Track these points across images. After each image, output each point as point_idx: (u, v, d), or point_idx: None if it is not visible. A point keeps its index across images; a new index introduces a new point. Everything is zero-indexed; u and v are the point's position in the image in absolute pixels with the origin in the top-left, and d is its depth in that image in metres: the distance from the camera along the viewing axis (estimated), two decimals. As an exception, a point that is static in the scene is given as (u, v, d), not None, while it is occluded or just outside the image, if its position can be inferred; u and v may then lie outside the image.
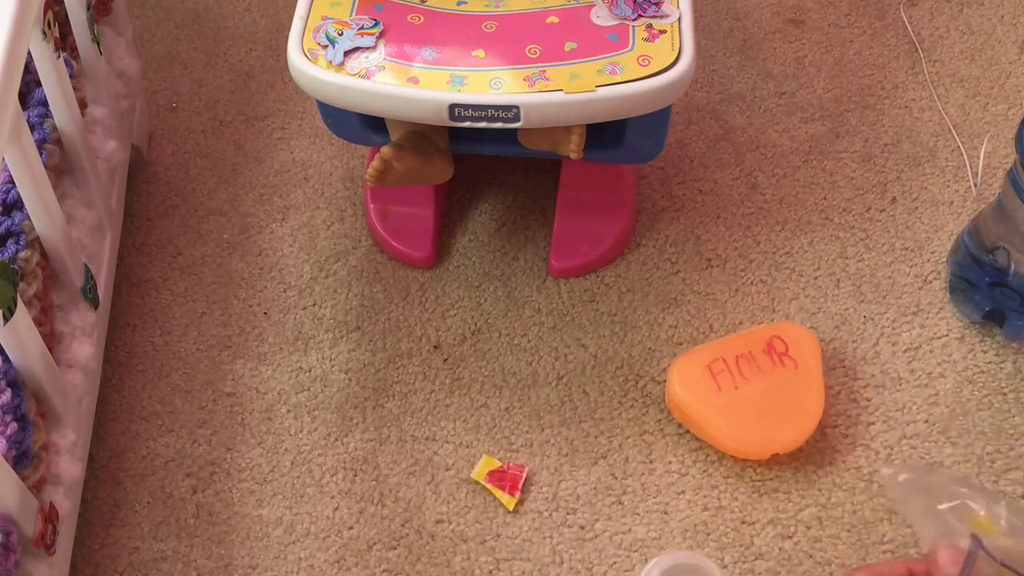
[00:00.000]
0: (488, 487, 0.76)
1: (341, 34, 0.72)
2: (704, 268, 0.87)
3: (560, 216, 0.87)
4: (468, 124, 0.70)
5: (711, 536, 0.73)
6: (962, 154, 0.93)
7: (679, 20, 0.72)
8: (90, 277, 0.75)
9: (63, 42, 0.73)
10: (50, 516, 0.63)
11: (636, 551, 0.73)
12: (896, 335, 0.82)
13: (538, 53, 0.70)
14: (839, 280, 0.86)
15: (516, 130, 0.76)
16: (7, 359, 0.62)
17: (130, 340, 0.84)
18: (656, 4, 0.72)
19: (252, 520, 0.75)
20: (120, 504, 0.76)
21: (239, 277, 0.88)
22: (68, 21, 0.77)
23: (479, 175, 0.93)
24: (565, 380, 0.81)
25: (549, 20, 0.72)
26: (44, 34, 0.67)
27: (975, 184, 0.91)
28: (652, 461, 0.77)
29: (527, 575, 0.72)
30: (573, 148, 0.74)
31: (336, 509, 0.75)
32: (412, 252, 0.87)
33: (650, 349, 0.82)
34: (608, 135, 0.78)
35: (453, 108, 0.69)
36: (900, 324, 0.83)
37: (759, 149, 0.94)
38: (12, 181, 0.66)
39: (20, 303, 0.60)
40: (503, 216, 0.91)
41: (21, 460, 0.62)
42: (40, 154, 0.68)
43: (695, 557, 0.67)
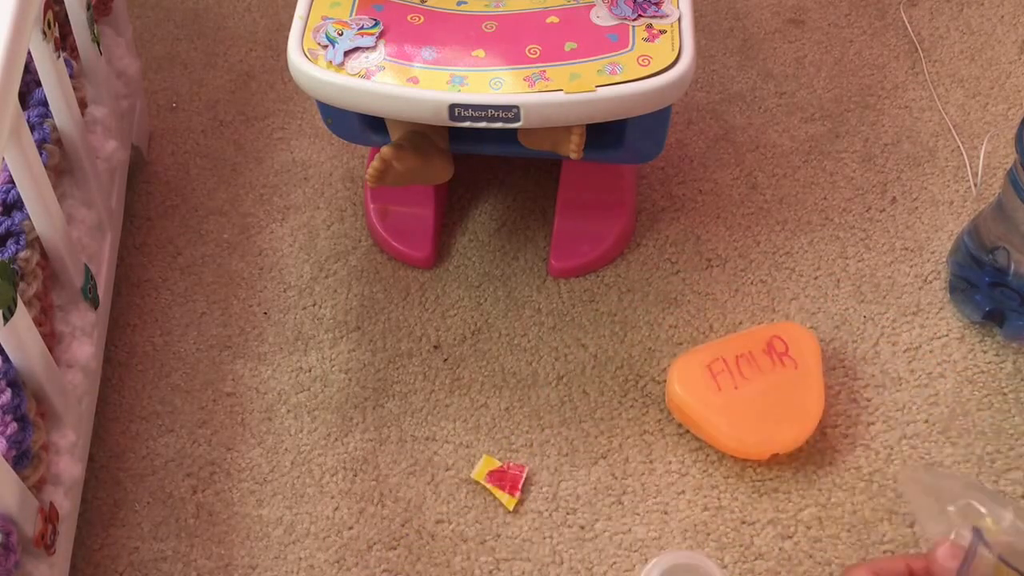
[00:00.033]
0: (488, 487, 0.76)
1: (341, 34, 0.72)
2: (704, 268, 0.87)
3: (560, 216, 0.87)
4: (468, 124, 0.70)
5: (711, 536, 0.73)
6: (962, 154, 0.93)
7: (679, 20, 0.72)
8: (90, 277, 0.75)
9: (63, 42, 0.73)
10: (50, 516, 0.63)
11: (636, 551, 0.73)
12: (896, 335, 0.82)
13: (538, 53, 0.70)
14: (839, 280, 0.86)
15: (516, 130, 0.76)
16: (7, 359, 0.62)
17: (130, 340, 0.84)
18: (656, 4, 0.72)
19: (252, 520, 0.75)
20: (120, 504, 0.76)
21: (239, 277, 0.88)
22: (68, 21, 0.77)
23: (479, 175, 0.93)
24: (565, 380, 0.81)
25: (549, 20, 0.72)
26: (44, 34, 0.67)
27: (975, 184, 0.91)
28: (652, 461, 0.77)
29: (527, 575, 0.72)
30: (573, 148, 0.74)
31: (336, 509, 0.75)
32: (412, 252, 0.87)
33: (650, 349, 0.82)
34: (608, 135, 0.78)
35: (453, 108, 0.69)
36: (900, 324, 0.83)
37: (759, 149, 0.94)
38: (12, 181, 0.66)
39: (20, 303, 0.60)
40: (503, 216, 0.91)
41: (21, 460, 0.62)
42: (40, 154, 0.68)
43: (695, 557, 0.67)
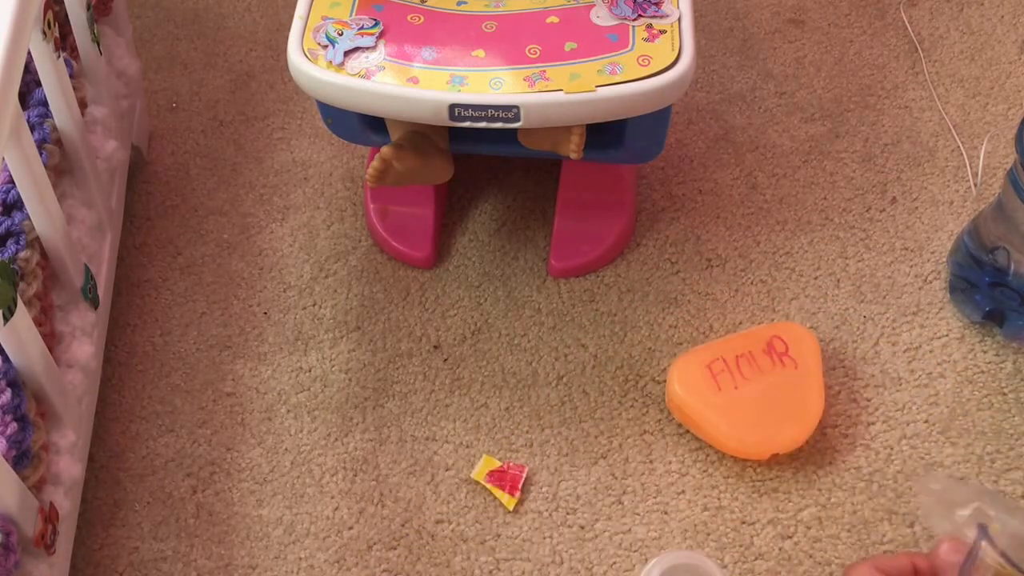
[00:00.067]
0: (488, 487, 0.76)
1: (341, 34, 0.72)
2: (704, 268, 0.87)
3: (560, 216, 0.87)
4: (468, 124, 0.70)
5: (711, 536, 0.73)
6: (962, 154, 0.93)
7: (679, 20, 0.72)
8: (90, 277, 0.75)
9: (63, 42, 0.73)
10: (50, 516, 0.63)
11: (636, 551, 0.73)
12: (896, 335, 0.82)
13: (538, 53, 0.70)
14: (839, 280, 0.86)
15: (516, 130, 0.76)
16: (7, 359, 0.62)
17: (130, 340, 0.84)
18: (656, 4, 0.72)
19: (252, 520, 0.75)
20: (120, 504, 0.76)
21: (239, 277, 0.88)
22: (68, 21, 0.77)
23: (479, 175, 0.93)
24: (565, 380, 0.81)
25: (549, 20, 0.72)
26: (44, 34, 0.67)
27: (975, 184, 0.91)
28: (652, 461, 0.77)
29: (527, 575, 0.72)
30: (573, 148, 0.74)
31: (336, 509, 0.75)
32: (412, 252, 0.87)
33: (650, 349, 0.82)
34: (608, 135, 0.78)
35: (453, 108, 0.69)
36: (900, 324, 0.83)
37: (759, 149, 0.94)
38: (12, 181, 0.66)
39: (20, 303, 0.60)
40: (503, 216, 0.91)
41: (21, 460, 0.62)
42: (40, 154, 0.68)
43: (695, 557, 0.67)
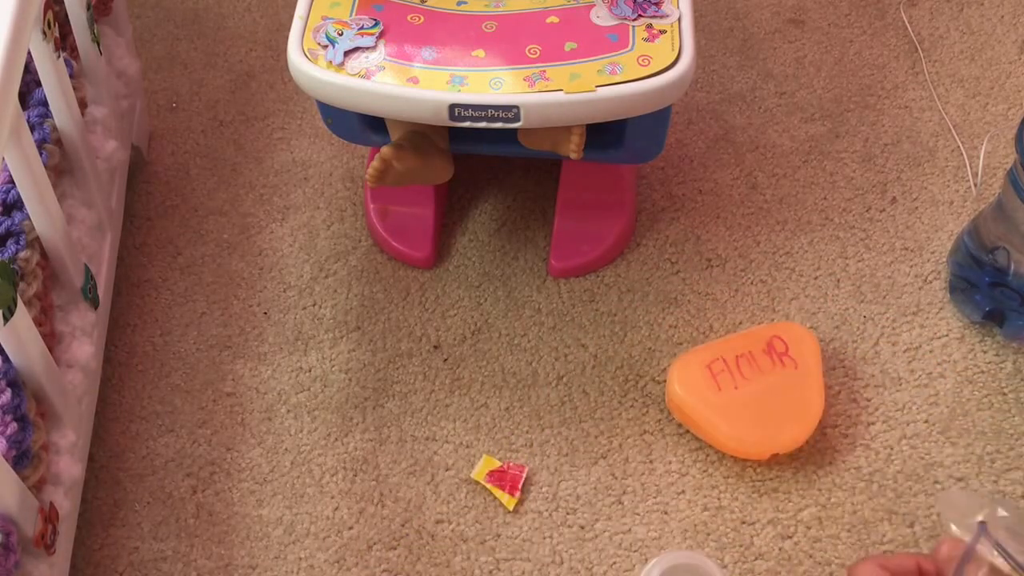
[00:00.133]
0: (488, 487, 0.76)
1: (341, 34, 0.72)
2: (704, 268, 0.87)
3: (560, 216, 0.87)
4: (468, 124, 0.70)
5: (711, 536, 0.73)
6: (962, 154, 0.93)
7: (679, 20, 0.72)
8: (90, 277, 0.75)
9: (63, 42, 0.73)
10: (50, 516, 0.63)
11: (636, 551, 0.73)
12: (896, 335, 0.82)
13: (538, 53, 0.70)
14: (839, 280, 0.86)
15: (516, 130, 0.76)
16: (7, 359, 0.62)
17: (130, 340, 0.84)
18: (656, 4, 0.72)
19: (252, 520, 0.75)
20: (120, 504, 0.76)
21: (239, 277, 0.88)
22: (68, 21, 0.77)
23: (479, 175, 0.93)
24: (565, 380, 0.81)
25: (549, 20, 0.72)
26: (44, 34, 0.67)
27: (975, 184, 0.91)
28: (652, 461, 0.77)
29: (527, 575, 0.72)
30: (573, 148, 0.74)
31: (336, 509, 0.75)
32: (412, 252, 0.87)
33: (650, 349, 0.82)
34: (608, 135, 0.78)
35: (453, 108, 0.69)
36: (900, 324, 0.83)
37: (759, 149, 0.94)
38: (12, 181, 0.66)
39: (20, 303, 0.60)
40: (503, 216, 0.91)
41: (21, 460, 0.62)
42: (40, 154, 0.68)
43: (695, 557, 0.67)
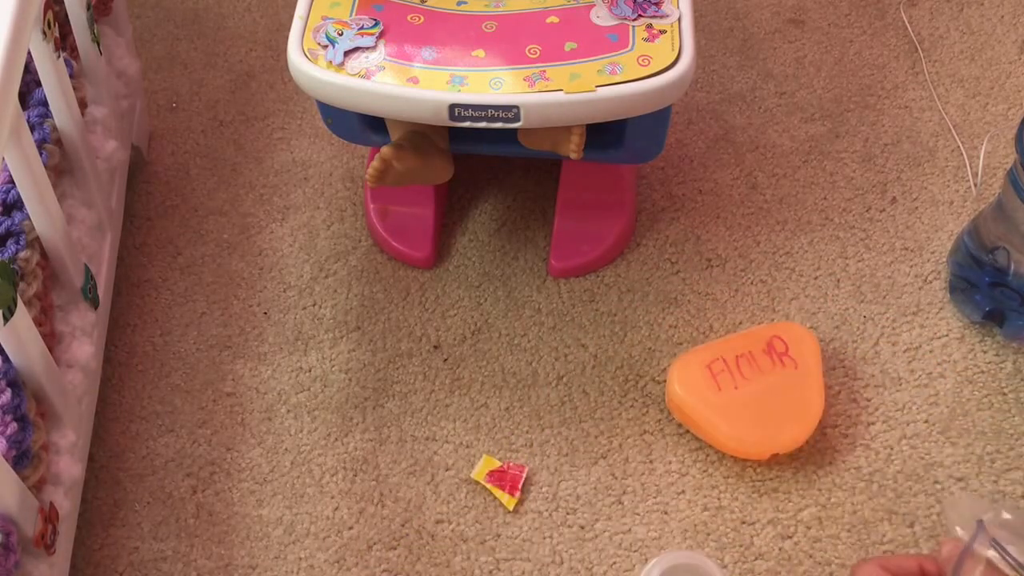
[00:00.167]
0: (488, 487, 0.76)
1: (341, 34, 0.72)
2: (704, 268, 0.87)
3: (560, 216, 0.87)
4: (468, 124, 0.70)
5: (711, 536, 0.73)
6: (962, 154, 0.93)
7: (679, 20, 0.72)
8: (90, 277, 0.75)
9: (63, 42, 0.73)
10: (50, 516, 0.63)
11: (636, 551, 0.73)
12: (896, 335, 0.82)
13: (538, 53, 0.70)
14: (839, 280, 0.86)
15: (516, 130, 0.76)
16: (7, 359, 0.62)
17: (130, 340, 0.84)
18: (656, 4, 0.72)
19: (252, 520, 0.75)
20: (120, 504, 0.76)
21: (239, 277, 0.88)
22: (68, 21, 0.77)
23: (479, 175, 0.93)
24: (565, 380, 0.81)
25: (549, 20, 0.72)
26: (44, 34, 0.67)
27: (975, 184, 0.91)
28: (652, 461, 0.77)
29: (527, 575, 0.72)
30: (573, 148, 0.74)
31: (336, 509, 0.75)
32: (412, 252, 0.87)
33: (650, 349, 0.82)
34: (608, 135, 0.78)
35: (453, 108, 0.69)
36: (900, 324, 0.83)
37: (759, 149, 0.94)
38: (12, 181, 0.66)
39: (20, 303, 0.60)
40: (503, 216, 0.91)
41: (21, 460, 0.62)
42: (40, 154, 0.68)
43: (695, 557, 0.67)
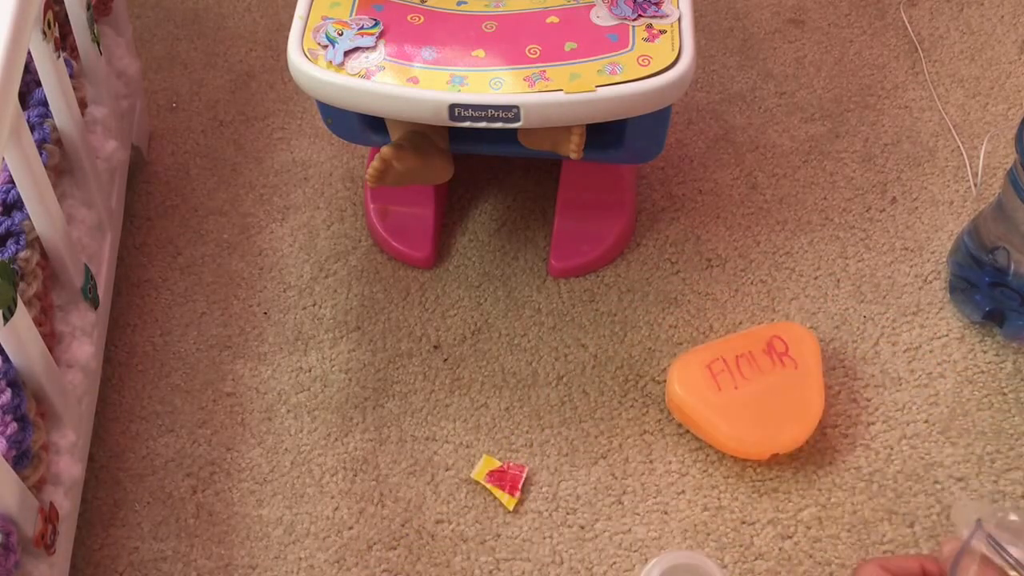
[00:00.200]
0: (488, 487, 0.76)
1: (341, 34, 0.72)
2: (704, 268, 0.87)
3: (560, 216, 0.87)
4: (468, 124, 0.70)
5: (711, 536, 0.73)
6: (962, 154, 0.93)
7: (679, 20, 0.72)
8: (90, 277, 0.75)
9: (63, 42, 0.73)
10: (50, 516, 0.63)
11: (636, 551, 0.73)
12: (896, 335, 0.82)
13: (538, 53, 0.70)
14: (839, 280, 0.86)
15: (516, 130, 0.76)
16: (7, 359, 0.62)
17: (130, 340, 0.84)
18: (656, 4, 0.72)
19: (252, 520, 0.75)
20: (120, 504, 0.76)
21: (239, 277, 0.88)
22: (68, 21, 0.77)
23: (479, 175, 0.93)
24: (565, 380, 0.81)
25: (549, 20, 0.72)
26: (44, 34, 0.67)
27: (975, 184, 0.91)
28: (652, 461, 0.77)
29: (527, 575, 0.72)
30: (573, 148, 0.74)
31: (336, 509, 0.75)
32: (412, 252, 0.87)
33: (650, 349, 0.82)
34: (608, 135, 0.78)
35: (453, 108, 0.69)
36: (900, 324, 0.83)
37: (759, 149, 0.94)
38: (12, 181, 0.66)
39: (20, 303, 0.60)
40: (503, 216, 0.91)
41: (21, 460, 0.62)
42: (40, 154, 0.68)
43: (695, 557, 0.67)
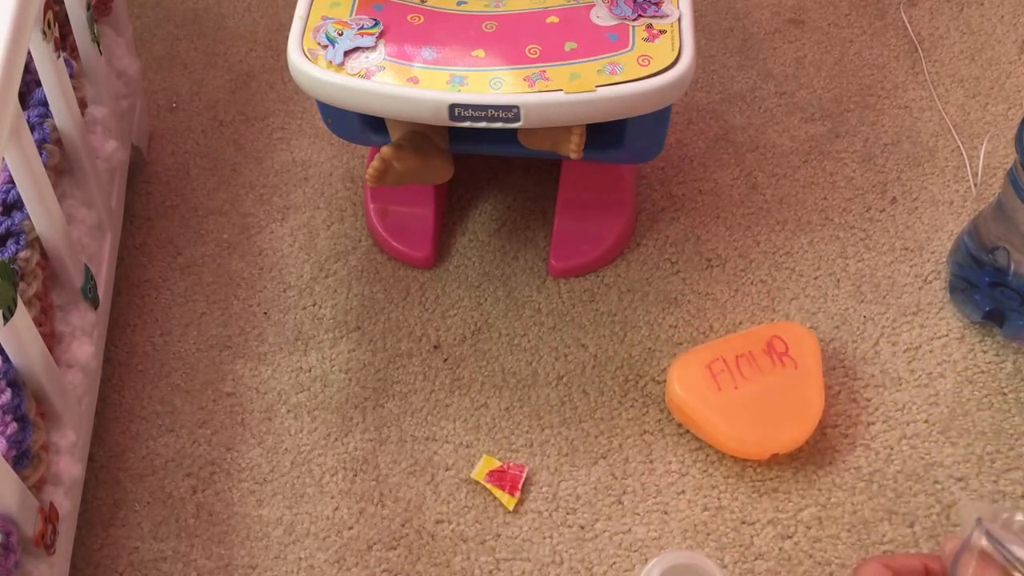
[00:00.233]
0: (488, 487, 0.76)
1: (341, 34, 0.72)
2: (704, 268, 0.87)
3: (560, 216, 0.87)
4: (468, 124, 0.70)
5: (711, 536, 0.73)
6: (962, 154, 0.93)
7: (679, 20, 0.72)
8: (90, 277, 0.75)
9: (63, 42, 0.73)
10: (50, 516, 0.63)
11: (636, 551, 0.73)
12: (896, 335, 0.82)
13: (538, 53, 0.70)
14: (839, 280, 0.86)
15: (516, 130, 0.76)
16: (7, 359, 0.62)
17: (130, 340, 0.84)
18: (656, 4, 0.72)
19: (252, 520, 0.75)
20: (120, 504, 0.76)
21: (239, 277, 0.88)
22: (68, 21, 0.77)
23: (479, 175, 0.93)
24: (565, 380, 0.81)
25: (549, 20, 0.72)
26: (44, 34, 0.67)
27: (975, 184, 0.91)
28: (652, 461, 0.77)
29: (527, 575, 0.72)
30: (573, 148, 0.74)
31: (336, 509, 0.75)
32: (412, 252, 0.87)
33: (650, 349, 0.82)
34: (608, 135, 0.78)
35: (453, 108, 0.69)
36: (900, 324, 0.83)
37: (759, 149, 0.94)
38: (12, 181, 0.66)
39: (20, 303, 0.60)
40: (503, 216, 0.91)
41: (21, 460, 0.62)
42: (40, 154, 0.68)
43: (695, 557, 0.67)
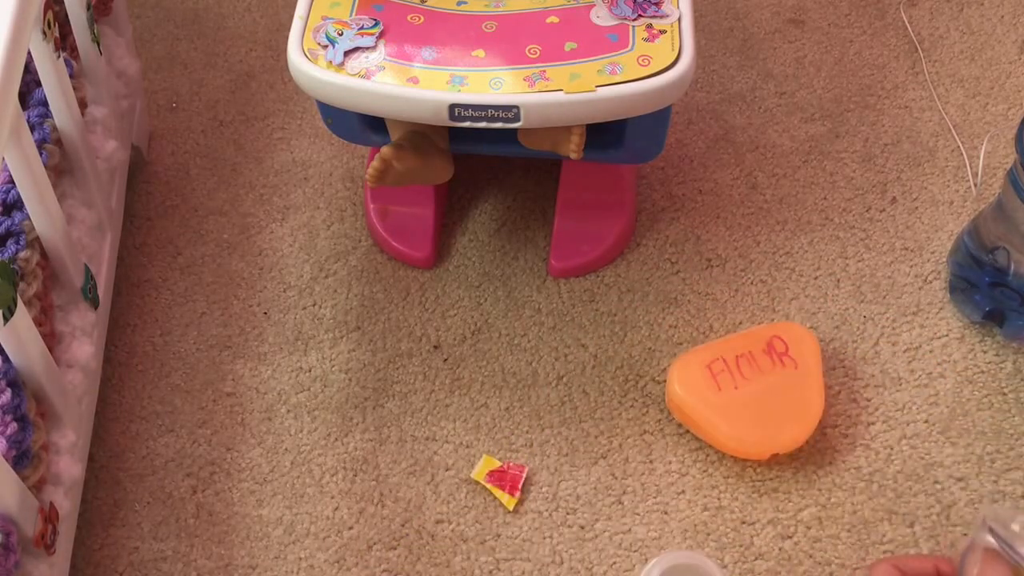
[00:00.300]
0: (488, 487, 0.76)
1: (341, 34, 0.72)
2: (704, 268, 0.87)
3: (560, 216, 0.87)
4: (468, 124, 0.70)
5: (711, 536, 0.73)
6: (962, 154, 0.93)
7: (679, 20, 0.72)
8: (90, 277, 0.75)
9: (63, 42, 0.73)
10: (50, 516, 0.63)
11: (636, 551, 0.73)
12: (896, 335, 0.82)
13: (538, 53, 0.70)
14: (839, 280, 0.86)
15: (516, 130, 0.76)
16: (7, 359, 0.62)
17: (130, 340, 0.84)
18: (656, 4, 0.72)
19: (252, 520, 0.75)
20: (120, 504, 0.76)
21: (239, 277, 0.88)
22: (68, 21, 0.77)
23: (479, 175, 0.93)
24: (565, 380, 0.81)
25: (549, 20, 0.72)
26: (44, 34, 0.67)
27: (975, 184, 0.91)
28: (652, 461, 0.77)
29: (527, 575, 0.72)
30: (573, 148, 0.74)
31: (336, 509, 0.75)
32: (412, 252, 0.87)
33: (650, 349, 0.82)
34: (608, 135, 0.78)
35: (453, 108, 0.69)
36: (900, 324, 0.83)
37: (759, 149, 0.94)
38: (12, 181, 0.66)
39: (20, 303, 0.60)
40: (503, 216, 0.91)
41: (21, 460, 0.62)
42: (40, 154, 0.68)
43: (695, 557, 0.67)
